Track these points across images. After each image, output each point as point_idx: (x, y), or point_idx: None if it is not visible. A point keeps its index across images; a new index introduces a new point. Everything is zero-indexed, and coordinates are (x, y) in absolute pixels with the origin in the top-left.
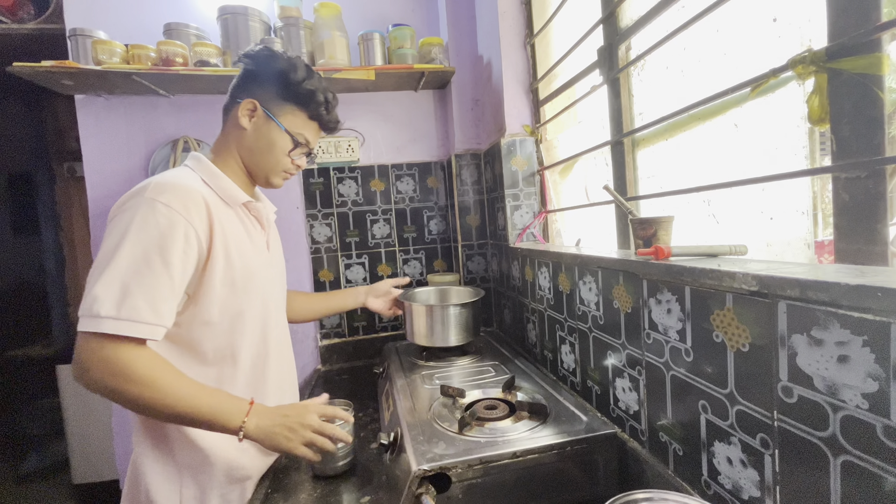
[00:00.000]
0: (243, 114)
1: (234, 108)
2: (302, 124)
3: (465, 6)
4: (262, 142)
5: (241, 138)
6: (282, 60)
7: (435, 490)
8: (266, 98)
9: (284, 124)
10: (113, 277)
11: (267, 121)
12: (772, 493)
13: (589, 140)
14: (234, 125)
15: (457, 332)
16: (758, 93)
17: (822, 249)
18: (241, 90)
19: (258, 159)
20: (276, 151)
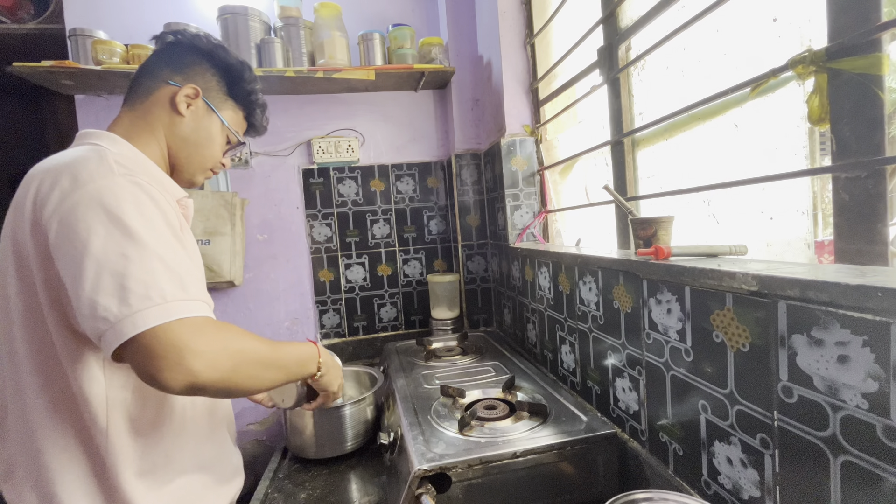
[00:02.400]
0: (182, 99)
1: (163, 88)
2: (239, 123)
3: (465, 6)
4: (201, 134)
5: (174, 125)
6: (232, 55)
7: (435, 490)
8: (208, 89)
9: (226, 120)
10: (150, 257)
11: (208, 112)
12: (772, 493)
13: (589, 140)
14: (164, 109)
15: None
16: (758, 93)
17: (822, 249)
18: (174, 72)
19: (192, 151)
20: (214, 147)
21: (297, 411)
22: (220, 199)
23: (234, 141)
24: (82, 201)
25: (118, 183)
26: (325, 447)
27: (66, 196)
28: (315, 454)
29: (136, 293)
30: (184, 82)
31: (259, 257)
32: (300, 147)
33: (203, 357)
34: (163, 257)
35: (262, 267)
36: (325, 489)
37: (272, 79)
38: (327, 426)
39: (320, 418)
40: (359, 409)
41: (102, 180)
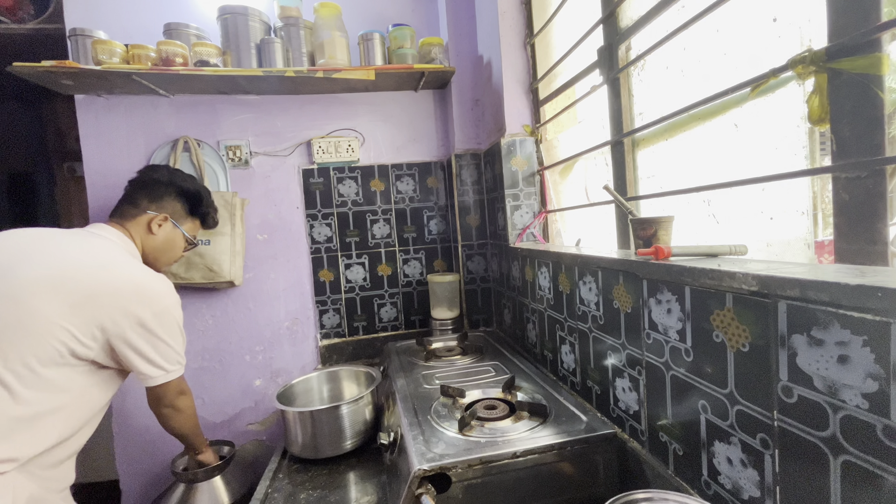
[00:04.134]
0: (156, 224)
1: (143, 215)
2: (194, 228)
3: (465, 6)
4: (168, 245)
5: (148, 240)
6: (194, 185)
7: (435, 490)
8: (175, 211)
9: (187, 231)
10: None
11: (174, 230)
12: (772, 493)
13: (589, 140)
14: (143, 228)
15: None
16: (758, 93)
17: (822, 249)
18: (150, 201)
19: (160, 256)
20: (176, 250)
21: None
22: (220, 199)
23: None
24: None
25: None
26: (324, 447)
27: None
28: (315, 454)
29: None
30: (158, 211)
31: (259, 257)
32: (300, 147)
33: (182, 397)
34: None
35: (262, 267)
36: (324, 489)
37: (272, 79)
38: (326, 427)
39: (320, 418)
40: (357, 408)
41: (171, 298)
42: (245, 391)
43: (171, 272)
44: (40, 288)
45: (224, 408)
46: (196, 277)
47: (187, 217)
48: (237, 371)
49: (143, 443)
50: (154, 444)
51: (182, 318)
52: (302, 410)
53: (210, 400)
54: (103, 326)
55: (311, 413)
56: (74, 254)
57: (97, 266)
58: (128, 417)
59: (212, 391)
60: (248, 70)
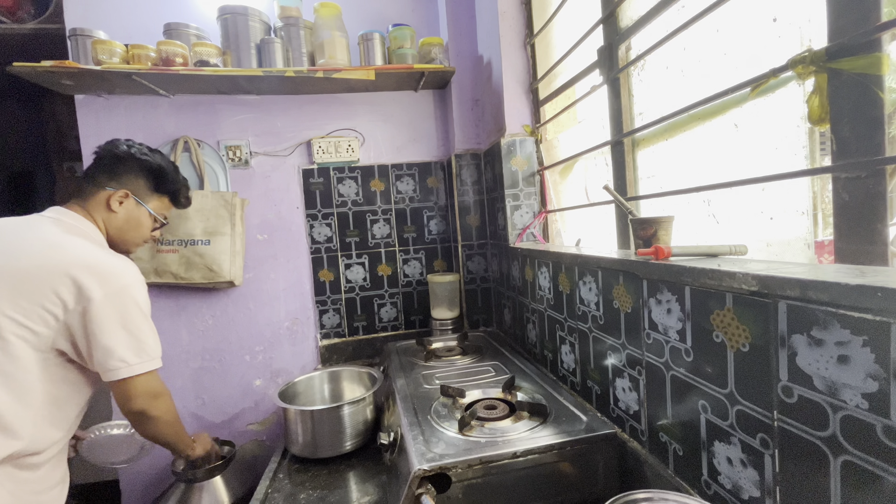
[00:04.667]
0: (115, 200)
1: (101, 192)
2: (163, 207)
3: (465, 6)
4: (132, 223)
5: (110, 219)
6: (154, 159)
7: (435, 490)
8: (137, 188)
9: (153, 209)
10: (150, 330)
11: (137, 206)
12: (772, 493)
13: (589, 140)
14: (103, 206)
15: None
16: (758, 93)
17: (822, 249)
18: (109, 177)
19: (125, 237)
20: (143, 230)
21: (296, 413)
22: (220, 199)
23: (165, 221)
24: (118, 291)
25: (138, 279)
26: (324, 447)
27: (108, 283)
28: (315, 454)
29: (147, 354)
30: (118, 187)
31: (259, 257)
32: (300, 147)
33: (159, 398)
34: (152, 328)
35: (262, 267)
36: (324, 489)
37: (272, 79)
38: (327, 426)
39: (320, 419)
40: (358, 409)
41: (130, 278)
42: (245, 391)
43: (171, 272)
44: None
45: (224, 408)
46: (196, 277)
47: (152, 194)
48: (237, 371)
49: None
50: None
51: (148, 305)
52: (303, 409)
53: (210, 400)
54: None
55: (312, 412)
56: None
57: (44, 245)
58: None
59: (212, 391)
60: (248, 70)
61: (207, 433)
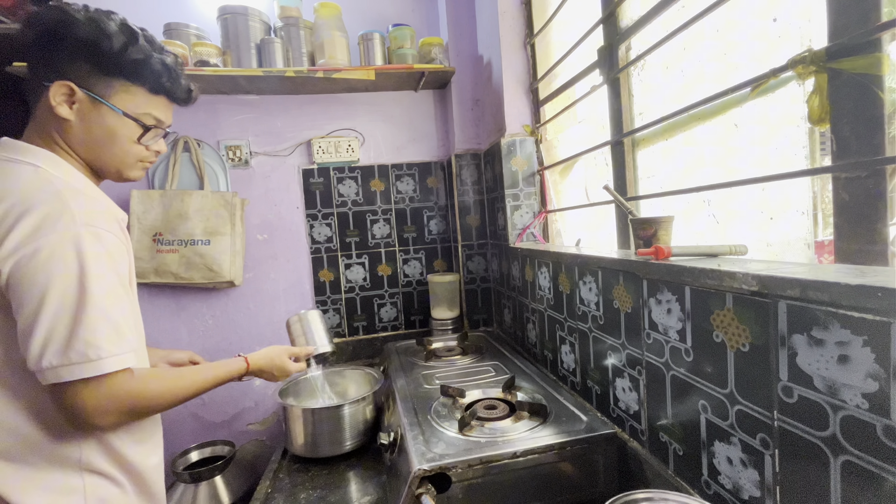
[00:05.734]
0: (58, 101)
1: (43, 91)
2: (144, 102)
3: (465, 6)
4: (98, 132)
5: (65, 131)
6: (83, 24)
7: (435, 490)
8: (83, 76)
9: (120, 106)
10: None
11: (94, 105)
12: (772, 493)
13: (589, 140)
14: (50, 115)
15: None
16: (758, 93)
17: (822, 249)
18: (44, 67)
19: (99, 154)
20: (121, 141)
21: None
22: (220, 199)
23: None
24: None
25: (80, 235)
26: (324, 447)
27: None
28: (315, 454)
29: (76, 350)
30: (57, 79)
31: (259, 257)
32: (300, 147)
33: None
34: (107, 312)
35: (262, 267)
36: (324, 489)
37: (272, 79)
38: (327, 426)
39: (320, 418)
40: (358, 408)
41: (66, 232)
42: (245, 391)
43: (172, 272)
44: None
45: (224, 408)
46: (196, 277)
47: (109, 80)
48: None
49: None
50: None
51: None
52: (304, 408)
53: (210, 400)
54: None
55: (312, 411)
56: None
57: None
58: None
59: (212, 391)
60: (248, 70)
61: None
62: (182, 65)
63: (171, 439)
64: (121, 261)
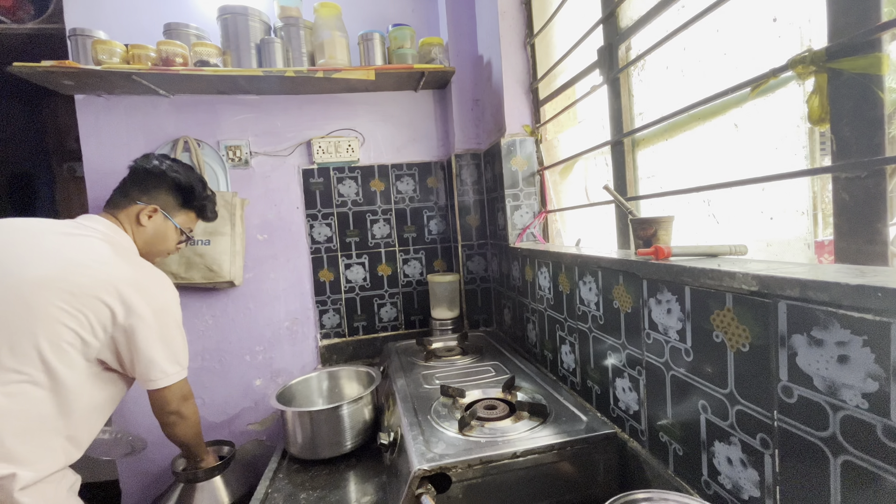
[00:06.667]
0: (145, 215)
1: (132, 206)
2: (192, 221)
3: (465, 6)
4: (158, 237)
5: (138, 231)
6: (184, 180)
7: (435, 490)
8: (165, 203)
9: (179, 223)
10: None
11: (164, 221)
12: (772, 493)
13: (589, 140)
14: (133, 219)
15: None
16: (758, 93)
17: (822, 249)
18: (141, 192)
19: (151, 249)
20: (169, 243)
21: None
22: (220, 199)
23: (191, 235)
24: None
25: (175, 294)
26: (324, 447)
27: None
28: (314, 454)
29: (180, 363)
30: (148, 202)
31: (259, 257)
32: (300, 147)
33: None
34: (184, 337)
35: (262, 267)
36: (324, 489)
37: (272, 79)
38: (326, 426)
39: (319, 420)
40: (357, 408)
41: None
42: (245, 391)
43: (171, 272)
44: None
45: (224, 408)
46: (196, 277)
47: (180, 209)
48: (237, 371)
49: None
50: (154, 444)
51: (180, 317)
52: (301, 410)
53: (210, 400)
54: (103, 324)
55: (310, 413)
56: (72, 251)
57: (97, 262)
58: (127, 417)
59: (212, 391)
60: (248, 70)
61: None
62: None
63: None
64: None
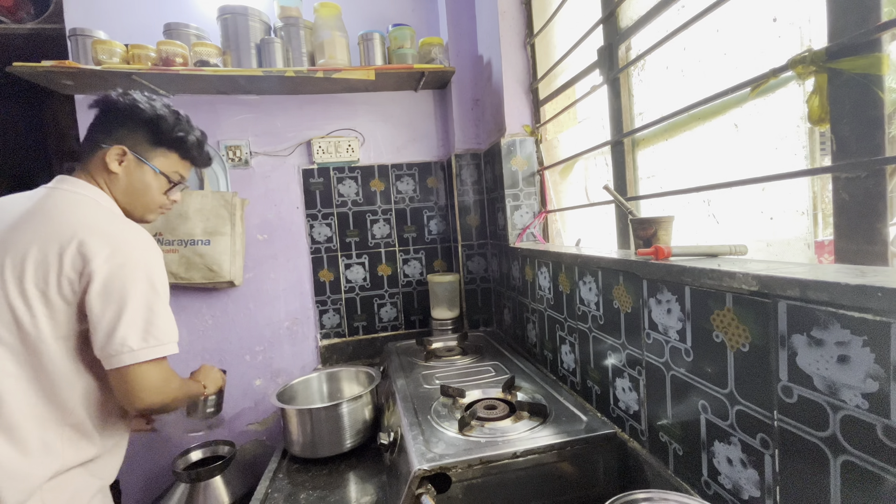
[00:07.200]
0: (112, 159)
1: (99, 151)
2: (175, 164)
3: (465, 6)
4: (136, 186)
5: (112, 182)
6: (147, 110)
7: (435, 490)
8: (134, 143)
9: (158, 166)
10: (165, 310)
11: (139, 164)
12: (772, 493)
13: (589, 140)
14: (102, 169)
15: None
16: (758, 93)
17: (822, 249)
18: (104, 134)
19: (134, 200)
20: (153, 192)
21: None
22: (220, 199)
23: (178, 180)
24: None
25: (148, 249)
26: (324, 446)
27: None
28: (314, 454)
29: (154, 335)
30: (111, 143)
31: (259, 257)
32: (300, 147)
33: (156, 395)
34: (167, 309)
35: (262, 267)
36: (324, 489)
37: (272, 79)
38: (325, 426)
39: (319, 417)
40: (356, 407)
41: (143, 249)
42: (245, 391)
43: (171, 272)
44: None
45: (224, 408)
46: (196, 277)
47: (153, 148)
48: (237, 371)
49: (143, 442)
50: (154, 443)
51: (164, 283)
52: (301, 409)
53: None
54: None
55: (310, 411)
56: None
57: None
58: None
59: None
60: (248, 70)
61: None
62: (206, 138)
63: (171, 439)
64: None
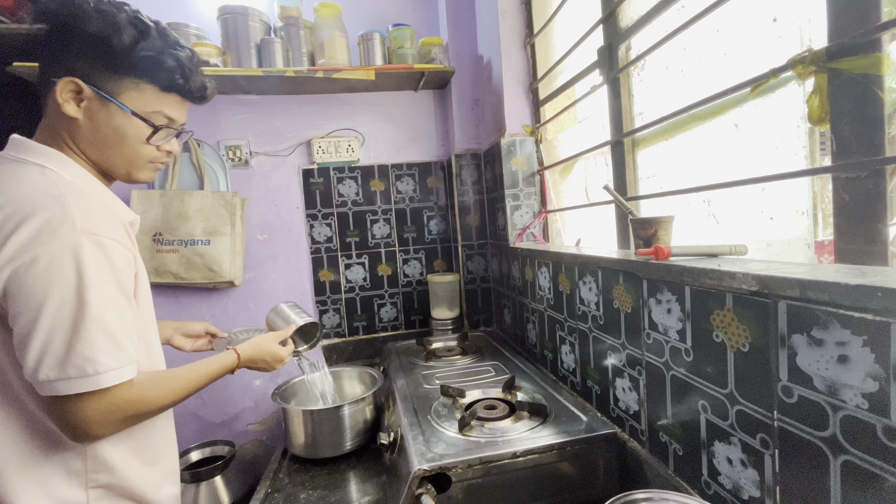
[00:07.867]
0: (65, 98)
1: (51, 88)
2: (155, 100)
3: (465, 6)
4: (106, 132)
5: (74, 131)
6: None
7: (435, 490)
8: (92, 73)
9: (129, 104)
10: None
11: (104, 103)
12: (772, 493)
13: (589, 140)
14: (59, 113)
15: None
16: (758, 93)
17: (822, 249)
18: (52, 63)
19: (108, 154)
20: (130, 141)
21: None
22: (220, 199)
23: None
24: (43, 257)
25: (80, 244)
26: (324, 447)
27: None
28: (315, 454)
29: (74, 365)
30: (64, 75)
31: (259, 257)
32: (300, 147)
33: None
34: (106, 325)
35: (262, 267)
36: (324, 489)
37: (272, 79)
38: (326, 427)
39: (320, 419)
40: (358, 409)
41: (66, 239)
42: (245, 391)
43: (172, 272)
44: None
45: (224, 408)
46: (196, 277)
47: (117, 77)
48: (237, 371)
49: None
50: None
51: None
52: (304, 409)
53: (210, 400)
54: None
55: (312, 412)
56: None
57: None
58: None
59: (212, 391)
60: (248, 70)
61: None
62: (198, 61)
63: None
64: (124, 269)
